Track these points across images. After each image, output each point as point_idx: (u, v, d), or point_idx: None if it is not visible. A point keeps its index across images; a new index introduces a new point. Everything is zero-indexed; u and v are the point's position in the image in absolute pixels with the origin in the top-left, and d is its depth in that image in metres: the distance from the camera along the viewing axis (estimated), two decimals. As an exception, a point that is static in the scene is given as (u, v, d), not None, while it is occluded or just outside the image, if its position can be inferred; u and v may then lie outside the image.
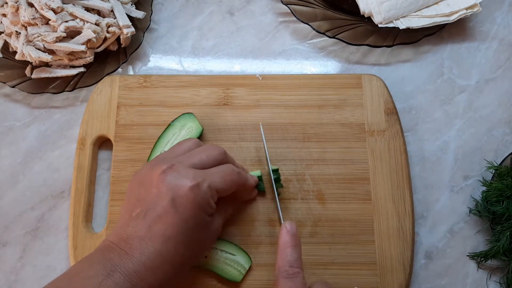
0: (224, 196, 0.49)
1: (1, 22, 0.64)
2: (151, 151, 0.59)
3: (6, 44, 0.66)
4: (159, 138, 0.59)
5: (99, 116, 0.61)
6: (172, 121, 0.60)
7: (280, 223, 0.55)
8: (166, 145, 0.58)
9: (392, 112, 0.61)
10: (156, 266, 0.42)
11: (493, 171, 0.60)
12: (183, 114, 0.60)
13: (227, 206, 0.53)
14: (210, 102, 0.62)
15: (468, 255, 0.59)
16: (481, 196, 0.60)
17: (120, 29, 0.65)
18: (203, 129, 0.60)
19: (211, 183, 0.46)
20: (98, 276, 0.40)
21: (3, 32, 0.65)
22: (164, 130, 0.59)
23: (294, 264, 0.46)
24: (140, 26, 0.68)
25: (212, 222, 0.48)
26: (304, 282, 0.45)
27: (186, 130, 0.59)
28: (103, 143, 0.63)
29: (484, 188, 0.59)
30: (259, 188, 0.57)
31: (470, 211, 0.60)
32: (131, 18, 0.66)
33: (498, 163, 0.60)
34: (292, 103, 0.62)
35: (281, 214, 0.55)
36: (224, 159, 0.51)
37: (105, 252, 0.43)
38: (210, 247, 0.53)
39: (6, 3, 0.63)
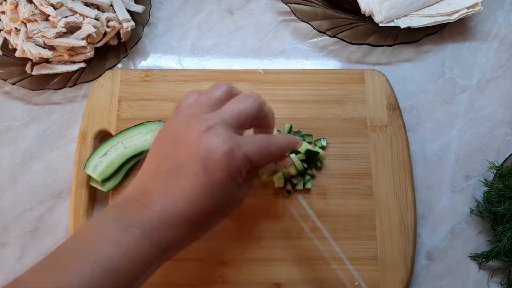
0: (256, 167, 0.46)
1: (0, 19, 0.64)
2: (107, 140, 0.57)
3: (5, 42, 0.66)
4: (124, 130, 0.58)
5: (100, 110, 0.61)
6: (146, 121, 0.59)
7: None
8: (127, 139, 0.57)
9: (394, 107, 0.61)
10: (176, 223, 0.40)
11: (495, 171, 0.59)
12: (160, 120, 0.59)
13: (253, 176, 0.50)
14: (212, 96, 0.62)
15: (469, 256, 0.58)
16: (482, 196, 0.59)
17: (120, 23, 0.65)
18: None
19: (247, 152, 0.43)
20: (113, 236, 0.38)
21: (2, 30, 0.65)
22: (134, 126, 0.58)
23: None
24: (140, 21, 0.68)
25: (238, 192, 0.45)
26: None
27: (152, 135, 0.58)
28: (104, 137, 0.62)
29: (485, 189, 0.59)
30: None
31: (471, 212, 0.60)
32: (130, 12, 0.66)
33: (500, 163, 0.60)
34: (294, 98, 0.62)
35: None
36: (261, 114, 0.46)
37: (121, 206, 0.41)
38: (231, 213, 0.48)
39: (5, 0, 0.63)
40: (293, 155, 0.56)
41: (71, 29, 0.63)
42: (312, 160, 0.58)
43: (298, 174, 0.57)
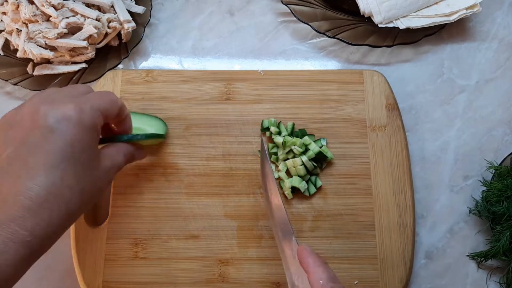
0: (108, 119, 0.46)
1: (2, 20, 0.65)
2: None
3: (7, 42, 0.66)
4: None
5: (101, 110, 0.62)
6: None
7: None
8: None
9: (393, 107, 0.61)
10: (39, 204, 0.36)
11: (493, 171, 0.59)
12: (132, 112, 0.57)
13: (118, 151, 0.48)
14: (212, 97, 0.62)
15: (468, 255, 0.58)
16: (481, 196, 0.60)
17: (121, 24, 0.65)
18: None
19: (93, 104, 0.43)
20: None
21: (3, 30, 0.65)
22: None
23: (336, 280, 0.40)
24: (141, 21, 0.68)
25: (101, 157, 0.44)
26: None
27: (136, 123, 0.56)
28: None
29: (484, 188, 0.59)
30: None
31: (470, 211, 0.60)
32: (131, 13, 0.67)
33: (498, 163, 0.60)
34: (294, 98, 0.62)
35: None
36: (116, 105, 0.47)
37: None
38: (101, 192, 0.45)
39: (7, 1, 0.63)
40: (303, 157, 0.57)
41: (72, 29, 0.63)
42: (319, 160, 0.58)
43: (306, 174, 0.58)
